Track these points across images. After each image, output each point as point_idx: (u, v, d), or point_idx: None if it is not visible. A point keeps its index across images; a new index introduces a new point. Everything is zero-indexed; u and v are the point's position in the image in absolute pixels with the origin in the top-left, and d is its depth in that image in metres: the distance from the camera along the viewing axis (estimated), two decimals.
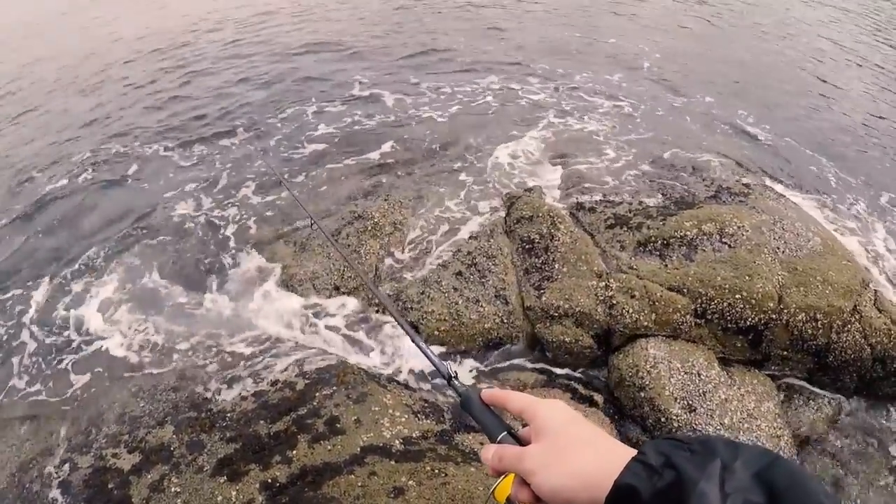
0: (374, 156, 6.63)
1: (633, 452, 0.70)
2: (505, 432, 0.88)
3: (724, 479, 0.61)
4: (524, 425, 0.86)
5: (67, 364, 4.26)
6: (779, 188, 5.68)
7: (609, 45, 10.85)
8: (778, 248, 4.33)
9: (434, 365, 1.15)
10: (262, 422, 3.32)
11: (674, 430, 3.52)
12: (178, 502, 2.88)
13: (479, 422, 0.95)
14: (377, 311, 4.38)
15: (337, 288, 4.52)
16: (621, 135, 6.99)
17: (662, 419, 3.57)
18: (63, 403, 3.93)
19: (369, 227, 4.96)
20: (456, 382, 1.06)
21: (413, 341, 1.29)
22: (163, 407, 3.58)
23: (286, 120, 7.82)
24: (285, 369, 3.77)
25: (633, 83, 8.86)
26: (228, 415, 3.44)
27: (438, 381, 3.85)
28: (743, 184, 5.24)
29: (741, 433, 3.52)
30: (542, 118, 7.45)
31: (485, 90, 8.46)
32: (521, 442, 0.85)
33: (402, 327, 1.37)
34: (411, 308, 4.25)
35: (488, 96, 8.22)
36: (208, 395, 3.66)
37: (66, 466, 3.33)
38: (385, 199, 5.39)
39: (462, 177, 6.06)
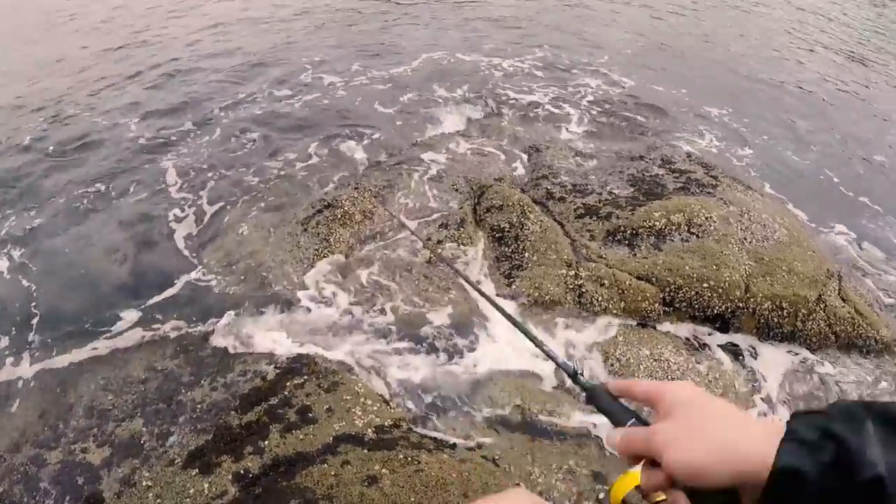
0: (343, 142, 6.58)
1: (771, 426, 0.68)
2: (633, 418, 0.90)
3: (884, 441, 0.59)
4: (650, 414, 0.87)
5: (33, 354, 4.15)
6: (746, 180, 5.78)
7: (587, 33, 10.93)
8: (745, 239, 4.43)
9: (558, 364, 1.18)
10: (232, 412, 3.31)
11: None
12: (150, 496, 2.86)
13: (606, 413, 0.97)
14: (353, 299, 4.35)
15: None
16: (592, 124, 7.05)
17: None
18: (29, 397, 3.84)
19: (339, 216, 4.93)
20: (581, 378, 1.09)
21: (535, 343, 1.31)
22: (132, 399, 3.54)
23: (250, 103, 7.75)
24: (256, 359, 3.75)
25: (608, 71, 8.92)
26: (199, 406, 3.42)
27: (407, 372, 3.85)
28: (711, 176, 5.33)
29: None
30: (511, 104, 7.49)
31: (444, 69, 8.46)
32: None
33: (518, 328, 1.40)
34: (381, 296, 4.26)
35: (443, 74, 8.22)
36: (178, 386, 3.62)
37: (34, 463, 3.27)
38: (355, 188, 5.36)
39: (431, 165, 6.02)
